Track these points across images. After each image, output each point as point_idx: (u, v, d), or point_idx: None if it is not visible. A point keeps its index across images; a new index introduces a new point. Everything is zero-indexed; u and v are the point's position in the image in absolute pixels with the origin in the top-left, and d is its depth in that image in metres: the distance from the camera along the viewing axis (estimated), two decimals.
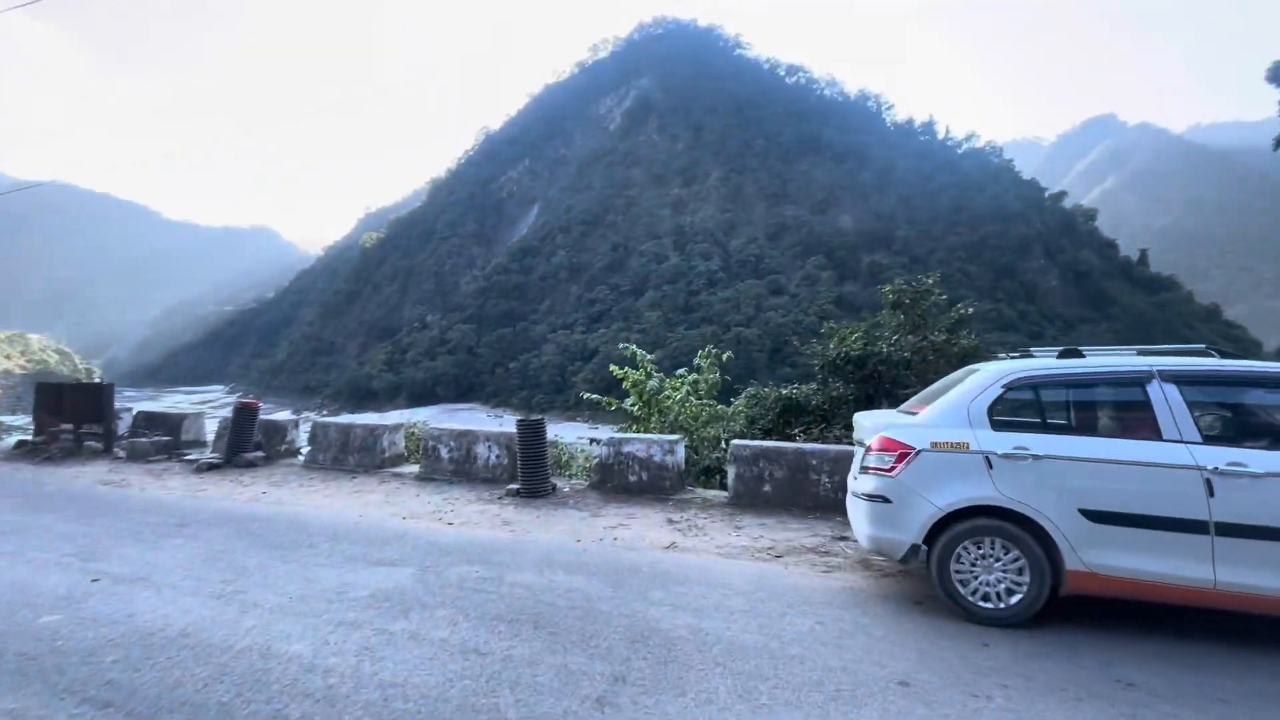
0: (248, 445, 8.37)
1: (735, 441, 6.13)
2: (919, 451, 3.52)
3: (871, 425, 3.87)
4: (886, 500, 3.56)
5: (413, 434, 9.67)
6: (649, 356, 8.70)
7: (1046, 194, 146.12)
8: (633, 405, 8.57)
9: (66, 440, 8.99)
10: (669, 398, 8.17)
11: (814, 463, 5.72)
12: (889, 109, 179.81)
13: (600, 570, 4.14)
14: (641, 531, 5.13)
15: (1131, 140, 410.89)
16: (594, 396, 8.67)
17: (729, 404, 8.95)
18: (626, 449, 6.66)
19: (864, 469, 3.75)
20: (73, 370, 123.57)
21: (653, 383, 8.21)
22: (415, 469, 7.75)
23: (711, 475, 7.49)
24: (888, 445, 3.61)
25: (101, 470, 7.93)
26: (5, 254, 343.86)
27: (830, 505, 5.64)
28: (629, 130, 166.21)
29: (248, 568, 4.15)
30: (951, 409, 3.59)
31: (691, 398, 8.07)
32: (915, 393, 6.36)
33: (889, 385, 6.74)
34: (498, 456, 7.25)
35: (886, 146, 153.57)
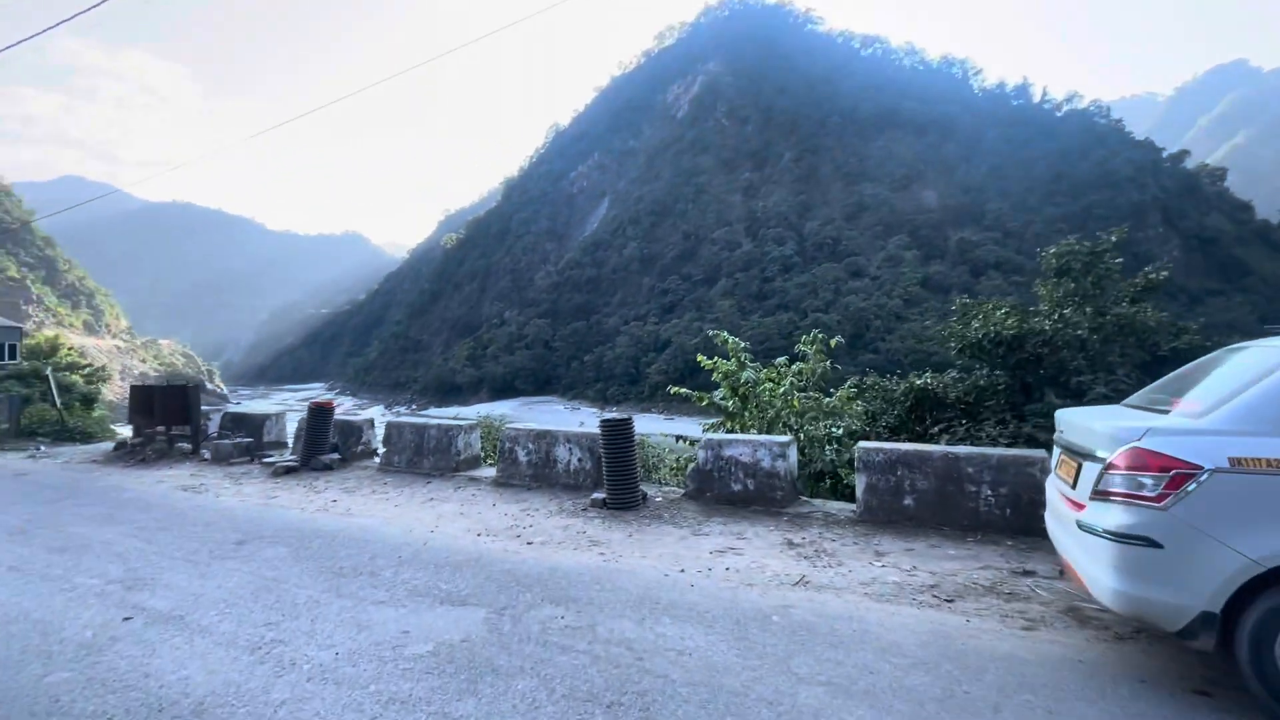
0: (323, 447, 8.06)
1: (863, 445, 5.01)
2: (1210, 472, 2.34)
3: (1106, 429, 2.68)
4: (1152, 544, 2.39)
5: (490, 433, 9.12)
6: (743, 344, 7.65)
7: (1164, 154, 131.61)
8: (724, 399, 7.58)
9: (160, 442, 9.04)
10: (768, 390, 7.11)
11: (969, 471, 4.53)
12: (976, 74, 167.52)
13: (718, 618, 3.21)
14: (758, 558, 4.15)
15: (1269, 88, 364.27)
16: (682, 390, 7.74)
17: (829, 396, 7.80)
18: (728, 452, 5.72)
19: (1101, 493, 2.59)
20: (195, 371, 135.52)
21: (748, 373, 7.17)
22: (492, 473, 7.13)
23: (821, 480, 6.39)
24: (1151, 461, 2.43)
25: (184, 474, 7.81)
26: (139, 268, 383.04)
27: (992, 525, 4.45)
28: (697, 117, 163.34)
29: (297, 604, 3.51)
30: (1261, 405, 2.39)
31: (795, 390, 6.97)
32: (1092, 380, 5.04)
33: (1053, 372, 5.39)
34: (579, 460, 6.48)
35: (974, 115, 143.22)
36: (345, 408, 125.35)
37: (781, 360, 7.57)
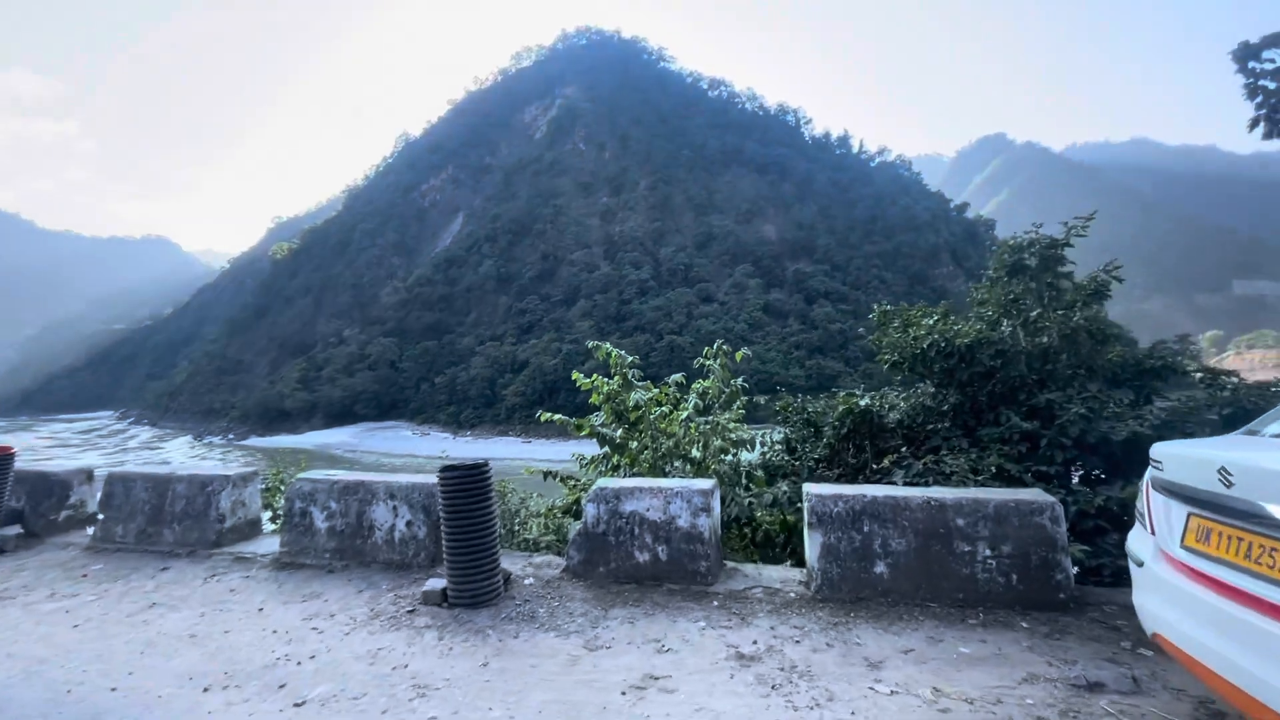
0: None
1: (815, 490, 3.66)
2: None
3: (1253, 466, 1.70)
4: None
5: (277, 487, 6.69)
6: (629, 358, 6.17)
7: (951, 205, 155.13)
8: (606, 425, 6.03)
9: None
10: (661, 415, 5.68)
11: (960, 524, 3.35)
12: (808, 123, 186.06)
13: None
14: (702, 698, 2.55)
15: (1019, 157, 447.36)
16: (554, 417, 6.05)
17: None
18: (629, 506, 4.10)
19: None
20: None
21: (637, 394, 5.69)
22: (274, 547, 4.85)
23: (740, 530, 5.03)
24: None
25: None
26: None
27: (994, 597, 3.27)
28: (555, 139, 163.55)
29: None
30: None
31: (698, 415, 5.60)
32: (1064, 399, 4.20)
33: (1006, 388, 4.51)
34: (409, 525, 4.49)
35: (806, 159, 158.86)
36: (141, 438, 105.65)
37: (676, 378, 6.16)
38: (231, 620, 3.56)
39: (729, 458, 5.36)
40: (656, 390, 6.03)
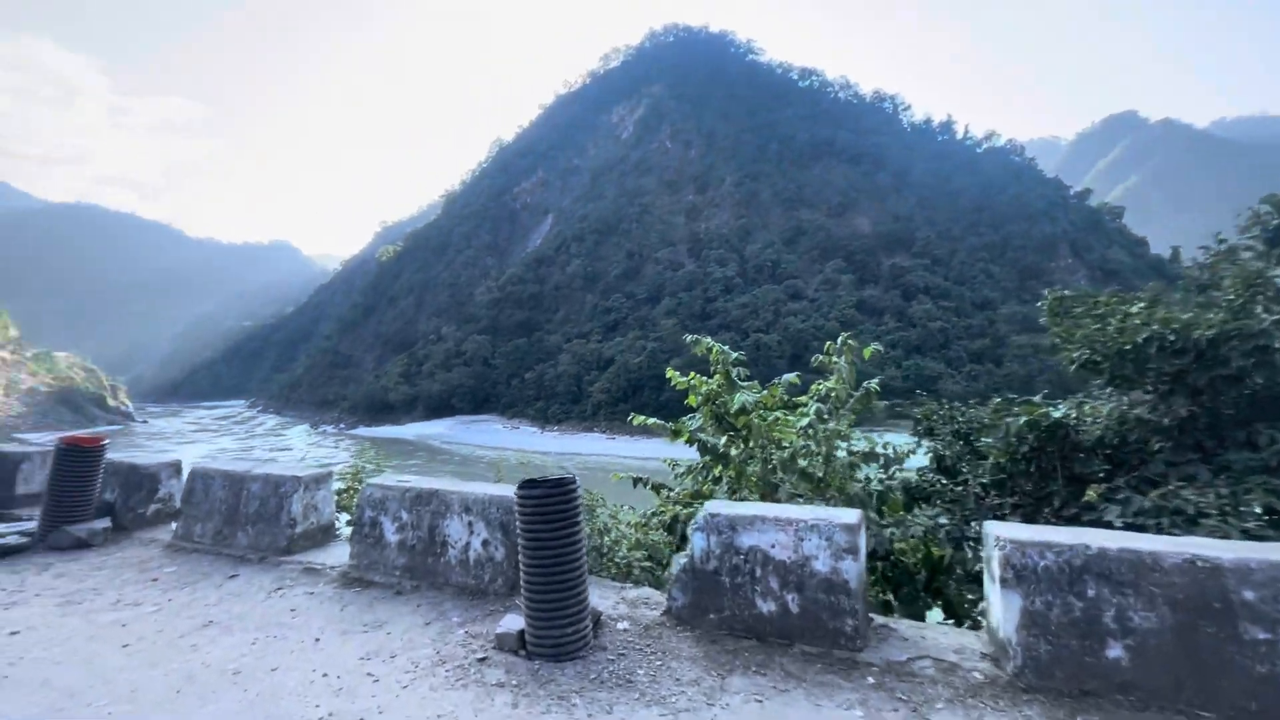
0: (81, 510, 5.14)
1: (1007, 533, 2.67)
2: None
3: None
4: None
5: (352, 489, 6.39)
6: (734, 354, 5.32)
7: (1070, 192, 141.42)
8: (702, 430, 5.23)
9: None
10: (776, 422, 4.81)
11: (1247, 597, 2.24)
12: (905, 110, 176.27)
13: None
14: None
15: (1154, 137, 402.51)
16: (648, 420, 5.33)
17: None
18: (749, 540, 3.28)
19: None
20: (98, 387, 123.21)
21: (743, 396, 4.85)
22: (345, 558, 4.50)
23: (869, 564, 4.07)
24: None
25: None
26: (35, 274, 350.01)
27: None
28: (641, 138, 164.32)
29: None
30: None
31: (824, 422, 4.68)
32: None
33: (1273, 396, 3.27)
34: (486, 544, 3.96)
35: (903, 148, 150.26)
36: (267, 425, 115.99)
37: (789, 378, 5.26)
38: (283, 653, 3.09)
39: (861, 476, 4.42)
40: (764, 391, 5.16)
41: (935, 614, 3.95)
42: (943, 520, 3.69)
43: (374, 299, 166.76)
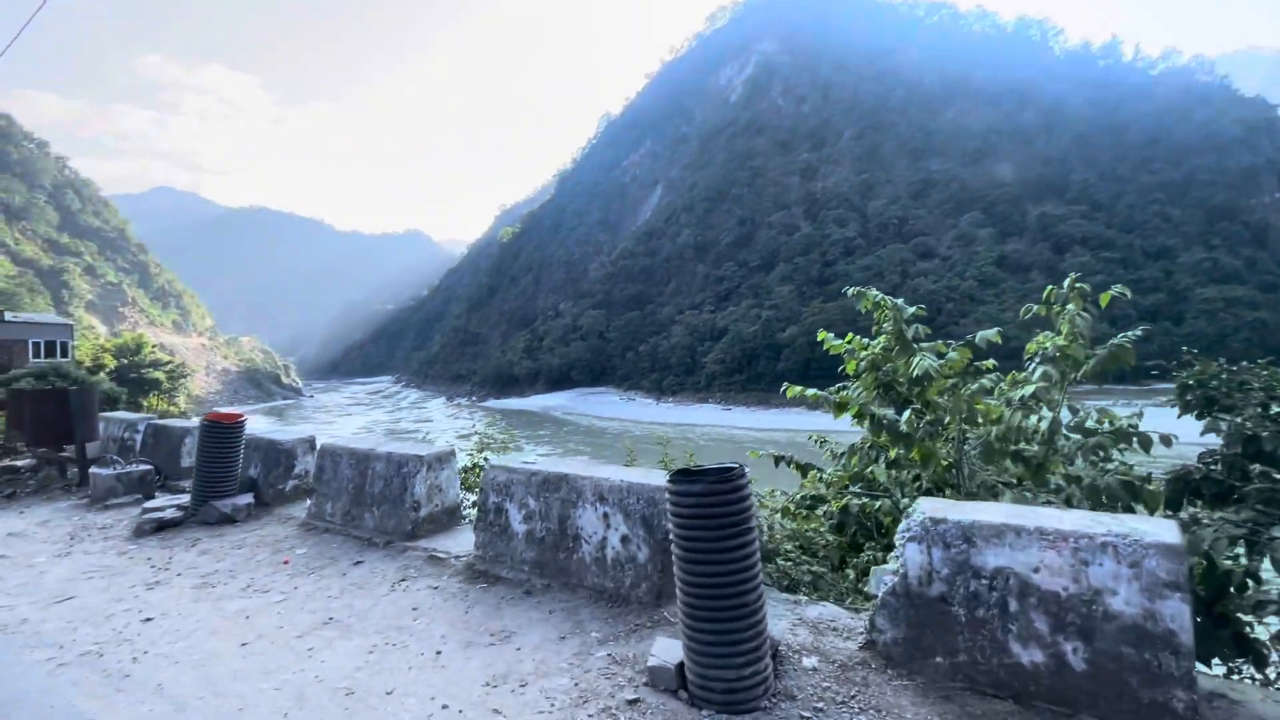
0: (225, 485, 5.39)
1: None
2: None
3: None
4: None
5: (477, 466, 6.18)
6: (911, 309, 4.38)
7: (1278, 112, 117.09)
8: (865, 398, 4.34)
9: (49, 469, 6.63)
10: (972, 392, 3.82)
11: None
12: (1057, 35, 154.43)
13: None
14: None
15: None
16: (807, 392, 4.48)
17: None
18: (993, 558, 2.44)
19: None
20: (274, 367, 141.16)
21: (923, 361, 3.90)
22: (470, 546, 4.24)
23: None
24: None
25: (18, 523, 5.27)
26: (222, 270, 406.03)
27: None
28: (751, 99, 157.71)
29: None
30: None
31: (1057, 390, 3.64)
32: None
33: None
34: (625, 542, 3.53)
35: (1054, 80, 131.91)
36: (410, 399, 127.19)
37: (988, 334, 4.20)
38: (400, 669, 2.84)
39: (1112, 466, 3.41)
40: (951, 353, 4.18)
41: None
42: (1245, 525, 2.63)
43: (497, 279, 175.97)
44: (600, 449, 51.43)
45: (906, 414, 3.81)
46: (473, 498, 5.52)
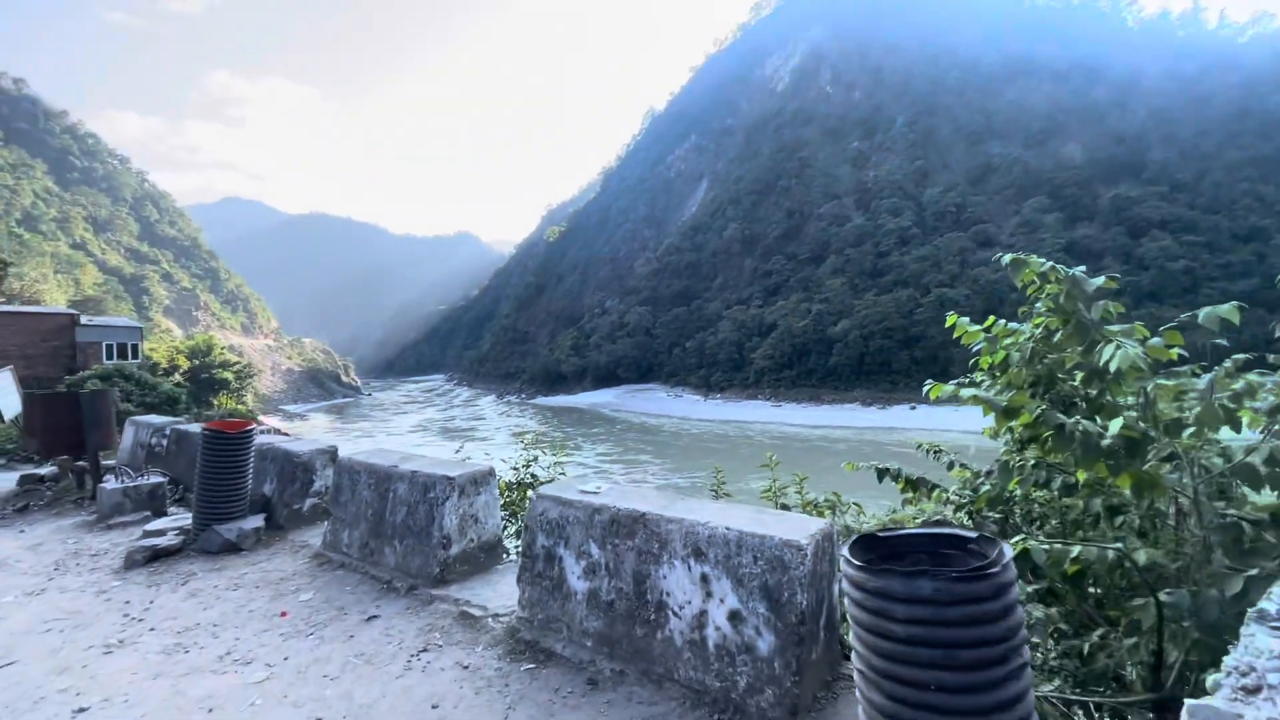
0: (233, 505, 4.66)
1: None
2: None
3: None
4: None
5: (521, 484, 5.23)
6: (1096, 280, 3.23)
7: None
8: (1047, 410, 3.19)
9: (69, 479, 6.18)
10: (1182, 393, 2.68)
11: None
12: (1131, 3, 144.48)
13: None
14: None
15: None
16: (958, 391, 3.39)
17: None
18: None
19: None
20: (333, 366, 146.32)
21: (1120, 350, 2.73)
22: (512, 602, 3.31)
23: None
24: None
25: (11, 547, 4.69)
26: (286, 274, 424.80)
27: None
28: (799, 87, 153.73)
29: None
30: None
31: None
32: None
33: None
34: (736, 621, 2.50)
35: (1129, 51, 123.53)
36: (462, 396, 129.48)
37: (1218, 310, 2.99)
38: None
39: None
40: (1156, 340, 3.03)
41: None
42: None
43: (544, 278, 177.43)
44: (662, 449, 49.97)
45: (1117, 424, 2.69)
46: (516, 526, 4.66)
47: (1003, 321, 3.90)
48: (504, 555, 4.00)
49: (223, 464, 4.72)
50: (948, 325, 4.10)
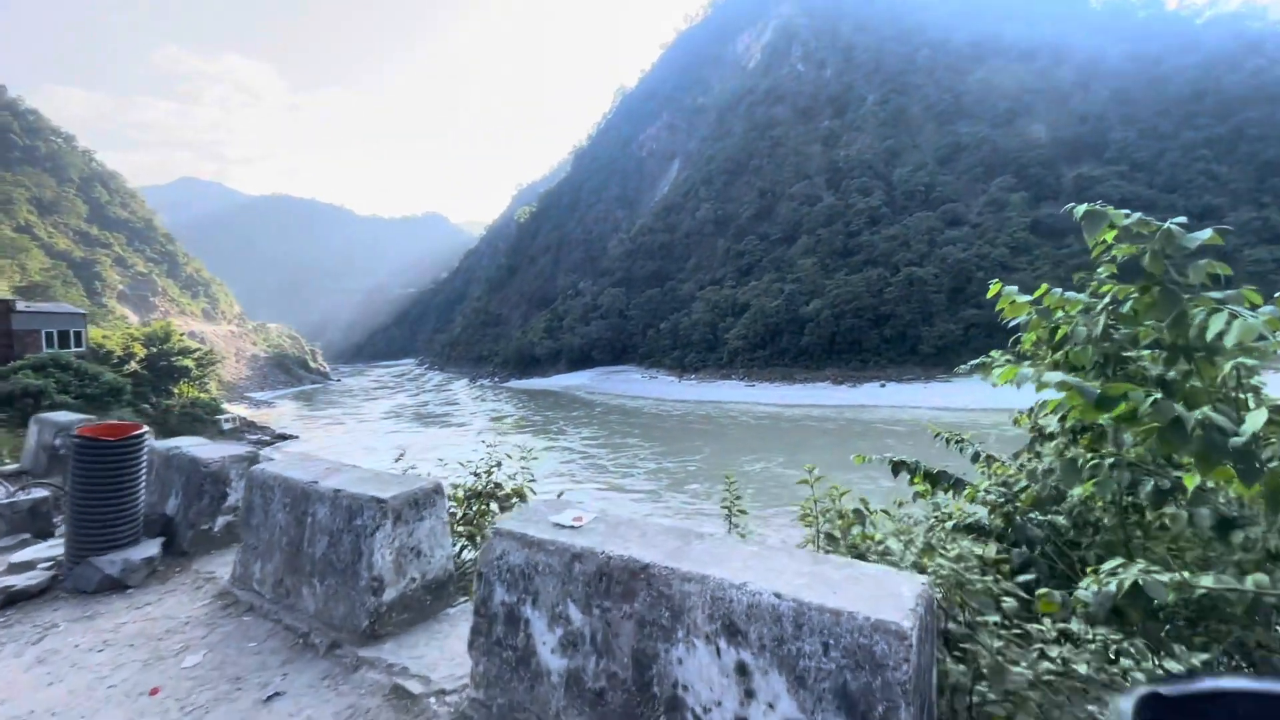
0: (117, 530, 3.69)
1: None
2: None
3: None
4: None
5: (484, 493, 4.26)
6: (1202, 234, 2.52)
7: None
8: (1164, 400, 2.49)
9: None
10: None
11: None
12: None
13: None
14: None
15: None
16: (1037, 375, 2.65)
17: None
18: None
19: None
20: (300, 351, 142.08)
21: (1242, 321, 2.04)
22: (464, 670, 2.41)
23: None
24: None
25: None
26: (247, 258, 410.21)
27: None
28: (770, 66, 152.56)
29: None
30: None
31: None
32: None
33: None
34: None
35: (1091, 32, 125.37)
36: (433, 381, 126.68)
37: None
38: None
39: None
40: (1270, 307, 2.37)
41: None
42: None
43: (515, 259, 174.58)
44: (648, 431, 48.54)
45: (1257, 418, 2.00)
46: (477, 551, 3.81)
47: (1058, 291, 3.20)
48: (454, 595, 3.15)
49: (102, 479, 3.71)
50: (990, 295, 3.45)
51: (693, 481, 28.18)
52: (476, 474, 4.68)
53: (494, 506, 4.22)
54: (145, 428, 4.07)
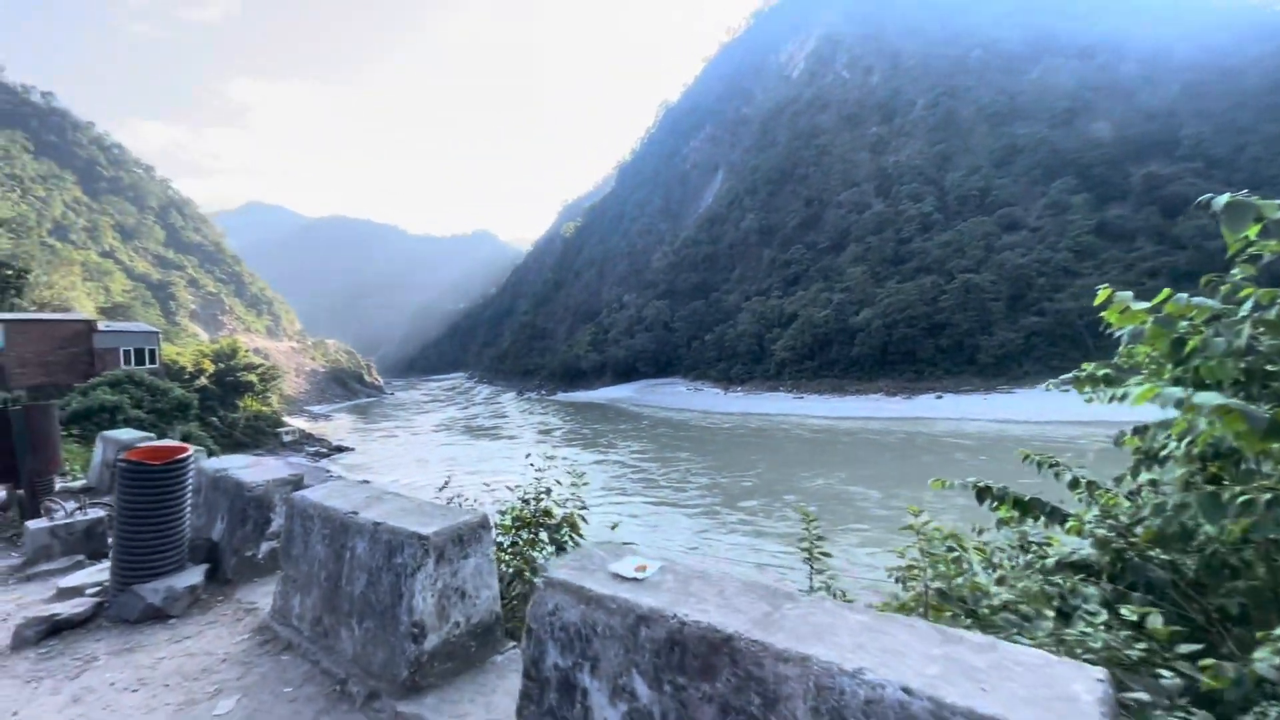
0: (161, 557, 3.59)
1: None
2: None
3: None
4: None
5: (532, 521, 3.91)
6: None
7: None
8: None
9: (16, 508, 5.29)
10: None
11: None
12: None
13: None
14: None
15: None
16: (1181, 393, 2.22)
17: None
18: None
19: None
20: (355, 366, 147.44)
21: None
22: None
23: None
24: None
25: None
26: (308, 277, 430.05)
27: None
28: (815, 74, 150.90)
29: None
30: None
31: None
32: None
33: None
34: None
35: (1159, 24, 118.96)
36: (482, 394, 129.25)
37: None
38: None
39: None
40: None
41: None
42: None
43: (561, 274, 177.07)
44: (698, 445, 46.77)
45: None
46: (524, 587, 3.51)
47: (1183, 296, 2.80)
48: (502, 642, 2.85)
49: (147, 503, 3.63)
50: (1097, 303, 3.06)
51: (749, 498, 27.37)
52: (525, 499, 4.42)
53: (543, 536, 3.97)
54: (191, 450, 3.99)
